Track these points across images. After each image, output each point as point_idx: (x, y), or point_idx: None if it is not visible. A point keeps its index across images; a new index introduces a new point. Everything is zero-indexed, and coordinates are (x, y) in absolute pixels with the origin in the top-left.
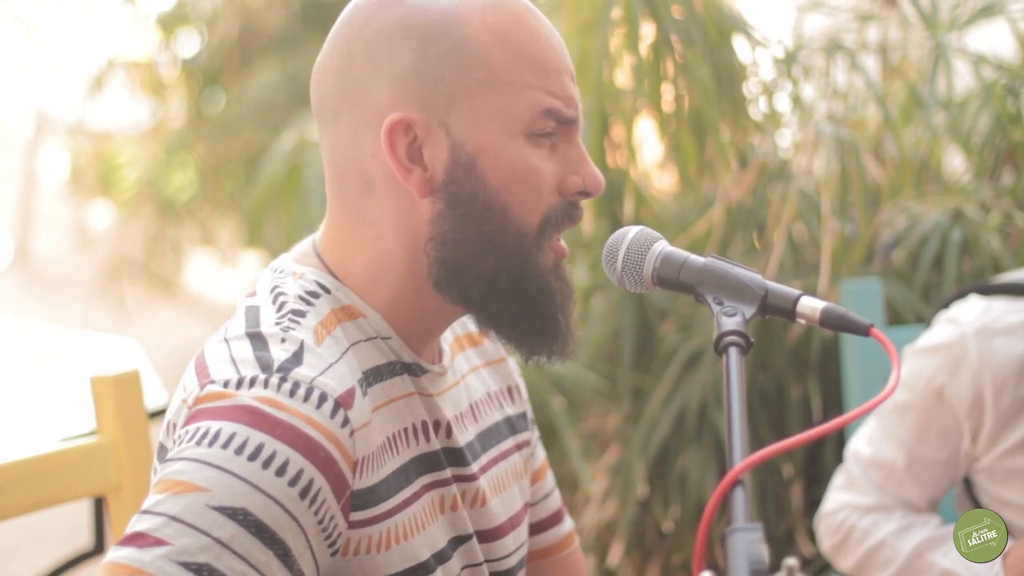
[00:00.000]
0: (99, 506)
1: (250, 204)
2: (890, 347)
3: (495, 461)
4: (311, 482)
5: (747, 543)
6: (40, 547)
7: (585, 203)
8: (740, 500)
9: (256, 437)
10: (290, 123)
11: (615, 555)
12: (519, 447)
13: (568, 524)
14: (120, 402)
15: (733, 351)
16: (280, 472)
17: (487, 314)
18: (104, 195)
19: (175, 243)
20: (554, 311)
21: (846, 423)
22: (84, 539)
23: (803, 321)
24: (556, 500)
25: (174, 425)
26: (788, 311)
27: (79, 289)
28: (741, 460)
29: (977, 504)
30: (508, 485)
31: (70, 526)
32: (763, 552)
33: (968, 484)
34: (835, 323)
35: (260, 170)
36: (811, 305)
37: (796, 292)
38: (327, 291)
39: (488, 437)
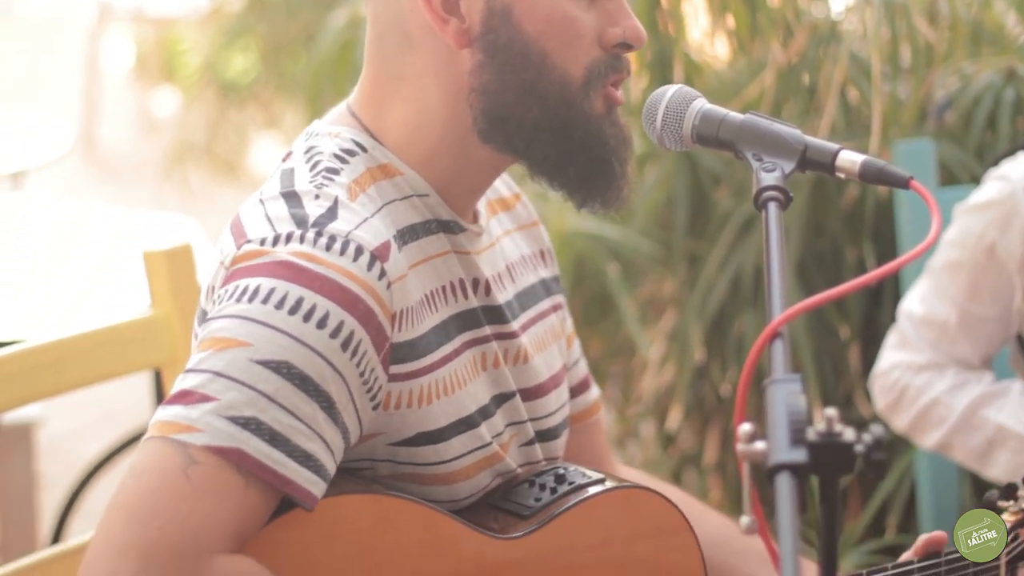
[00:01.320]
0: (158, 383)
1: (306, 83)
2: (929, 198)
3: (534, 320)
4: (352, 334)
5: (786, 394)
6: (106, 427)
7: (634, 68)
8: (779, 352)
9: (295, 291)
10: (344, 1)
11: (674, 420)
12: (555, 308)
13: (595, 392)
14: (173, 276)
15: (772, 206)
16: (321, 324)
17: (535, 162)
18: (168, 81)
19: (238, 126)
20: (607, 155)
21: (890, 272)
22: (146, 417)
23: (843, 175)
24: (583, 368)
25: (212, 288)
26: (827, 165)
27: (145, 174)
28: (780, 313)
29: None
30: (548, 344)
31: (134, 407)
32: (802, 402)
33: (1021, 341)
34: (874, 176)
35: (315, 49)
36: (850, 159)
37: (835, 146)
38: (363, 149)
39: (526, 297)
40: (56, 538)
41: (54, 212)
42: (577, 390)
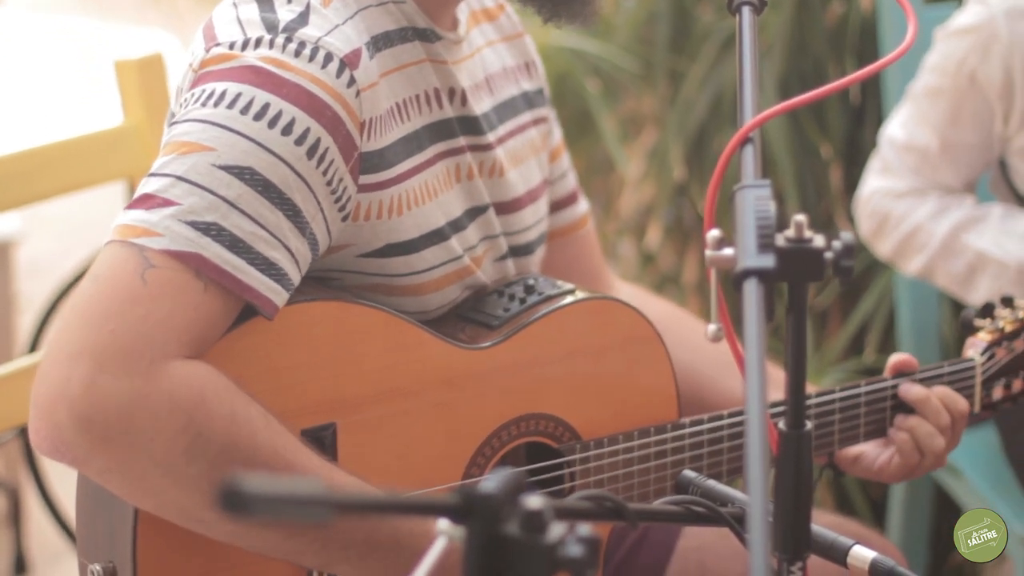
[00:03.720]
0: (132, 195)
1: None
2: (906, 5)
3: (512, 134)
4: (318, 141)
5: (755, 199)
6: (89, 248)
7: None
8: (750, 157)
9: (262, 96)
10: None
11: (653, 238)
12: (536, 122)
13: (583, 205)
14: (145, 86)
15: (746, 10)
16: (286, 131)
17: None
18: None
19: None
20: None
21: (866, 76)
22: None
23: None
24: (572, 181)
25: (180, 90)
26: None
27: None
28: (751, 118)
29: (1010, 186)
30: (526, 158)
31: (107, 220)
32: (771, 208)
33: (1003, 167)
34: None
35: None
36: None
37: None
38: None
39: (504, 110)
40: (32, 352)
41: (31, 26)
42: (564, 203)
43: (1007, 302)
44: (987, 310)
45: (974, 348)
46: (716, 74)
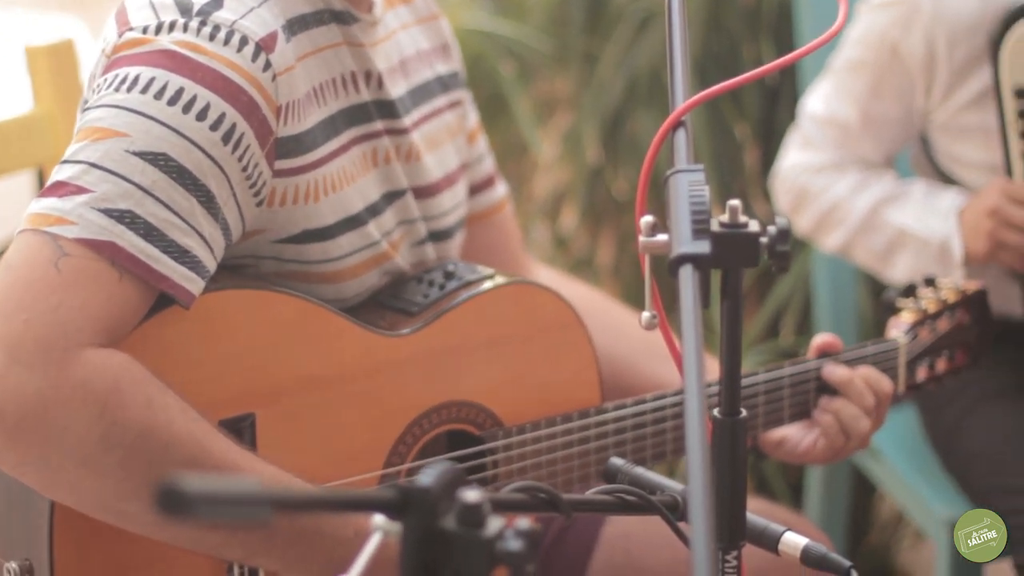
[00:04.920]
0: (41, 185)
1: None
2: None
3: (428, 118)
4: (233, 126)
5: (689, 184)
6: None
7: None
8: (682, 141)
9: (176, 81)
10: None
11: (567, 221)
12: (452, 106)
13: (501, 189)
14: (55, 73)
15: None
16: (201, 116)
17: None
18: None
19: None
20: None
21: (790, 63)
22: None
23: None
24: (489, 164)
25: (93, 76)
26: None
27: None
28: (683, 101)
29: (932, 162)
30: (442, 143)
31: (17, 210)
32: (705, 193)
33: (924, 142)
34: None
35: None
36: None
37: None
38: None
39: (420, 94)
40: None
41: None
42: (481, 186)
43: (929, 282)
44: (909, 290)
45: (897, 329)
46: (631, 56)
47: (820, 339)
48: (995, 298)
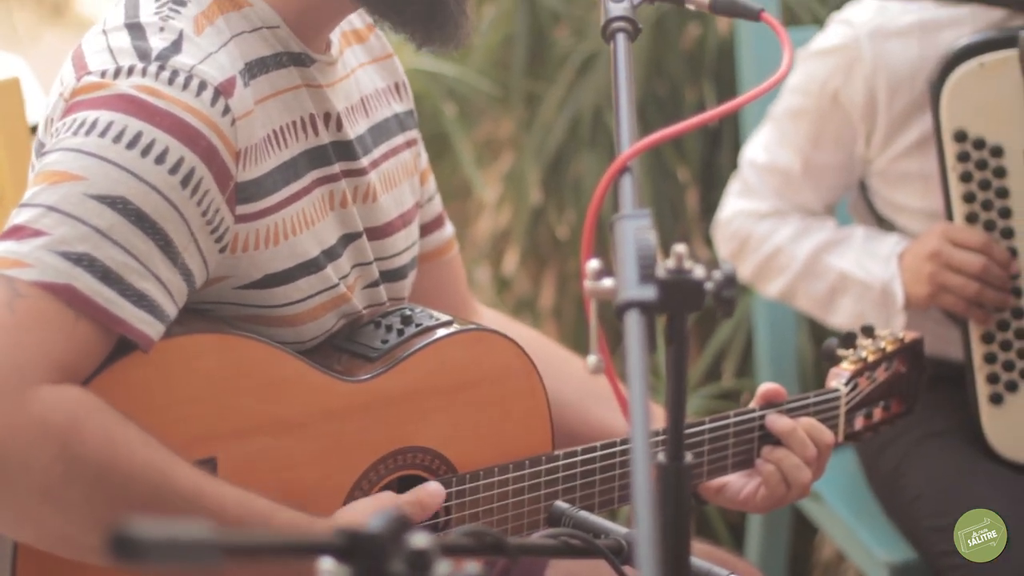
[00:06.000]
0: None
1: None
2: (780, 30)
3: (386, 156)
4: (192, 171)
5: (635, 230)
6: None
7: None
8: (628, 187)
9: (135, 125)
10: None
11: (510, 263)
12: (408, 144)
13: (449, 229)
14: (1, 112)
15: (620, 37)
16: (160, 160)
17: (372, 3)
18: None
19: None
20: None
21: (735, 109)
22: None
23: (692, 7)
24: (438, 204)
25: (51, 120)
26: None
27: None
28: (629, 147)
29: (871, 208)
30: (399, 182)
31: None
32: (651, 238)
33: (864, 189)
34: (725, 8)
35: None
36: None
37: None
38: None
39: (379, 132)
40: None
41: None
42: (431, 227)
43: (867, 332)
44: (849, 340)
45: (838, 379)
46: (573, 97)
47: (765, 388)
48: (934, 341)
